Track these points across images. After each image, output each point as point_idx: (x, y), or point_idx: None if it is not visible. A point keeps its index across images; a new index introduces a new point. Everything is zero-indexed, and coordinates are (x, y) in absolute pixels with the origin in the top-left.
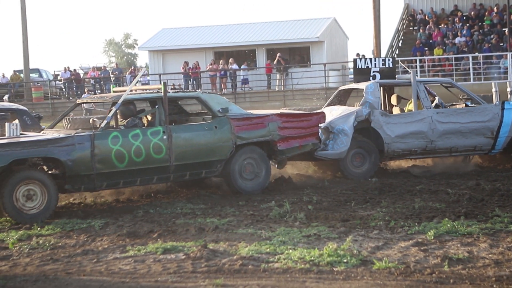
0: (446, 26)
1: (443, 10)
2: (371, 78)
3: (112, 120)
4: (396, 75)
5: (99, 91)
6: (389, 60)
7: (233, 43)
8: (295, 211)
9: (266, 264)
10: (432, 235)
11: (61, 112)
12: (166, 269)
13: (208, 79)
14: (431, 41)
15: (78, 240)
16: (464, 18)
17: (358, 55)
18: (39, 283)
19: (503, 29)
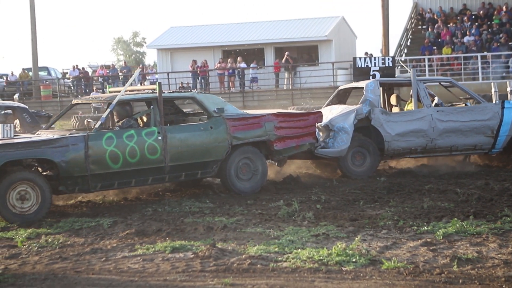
0: (454, 25)
1: (451, 9)
2: (370, 77)
3: (108, 121)
4: (396, 75)
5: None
6: (388, 59)
7: (241, 41)
8: (304, 210)
9: (274, 263)
10: (441, 235)
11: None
12: (174, 268)
13: (216, 78)
14: (439, 40)
15: (87, 238)
16: (473, 17)
17: (367, 53)
18: (48, 281)
19: None
